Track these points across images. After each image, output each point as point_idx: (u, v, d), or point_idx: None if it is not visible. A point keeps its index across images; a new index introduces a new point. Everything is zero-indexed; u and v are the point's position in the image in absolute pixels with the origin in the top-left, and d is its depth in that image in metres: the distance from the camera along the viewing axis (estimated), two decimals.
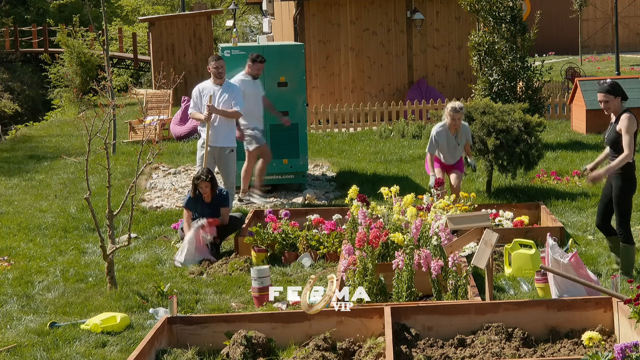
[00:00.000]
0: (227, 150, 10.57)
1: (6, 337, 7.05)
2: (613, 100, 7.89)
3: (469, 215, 7.68)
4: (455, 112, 10.34)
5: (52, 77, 30.61)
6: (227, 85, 10.69)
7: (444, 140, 10.47)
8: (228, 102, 10.53)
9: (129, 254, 9.47)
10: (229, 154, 10.59)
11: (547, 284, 7.37)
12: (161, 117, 17.62)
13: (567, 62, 29.73)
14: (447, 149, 10.50)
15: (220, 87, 10.63)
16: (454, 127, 10.42)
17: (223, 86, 10.64)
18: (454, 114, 10.34)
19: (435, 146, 10.49)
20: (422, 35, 20.40)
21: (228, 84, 10.72)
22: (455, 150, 10.56)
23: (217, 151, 10.54)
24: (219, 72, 10.58)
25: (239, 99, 10.59)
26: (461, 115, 10.42)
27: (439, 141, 10.46)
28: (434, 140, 10.46)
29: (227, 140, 10.60)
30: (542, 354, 6.03)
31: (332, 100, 19.94)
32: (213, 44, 25.76)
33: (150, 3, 43.42)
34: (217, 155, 10.55)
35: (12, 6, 43.46)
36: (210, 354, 6.25)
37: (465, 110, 10.78)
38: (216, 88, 10.63)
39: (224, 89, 10.62)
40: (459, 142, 10.50)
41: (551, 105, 18.79)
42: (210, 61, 10.71)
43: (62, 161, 14.84)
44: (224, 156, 10.56)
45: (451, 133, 10.44)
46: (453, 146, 10.50)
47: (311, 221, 9.28)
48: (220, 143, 10.54)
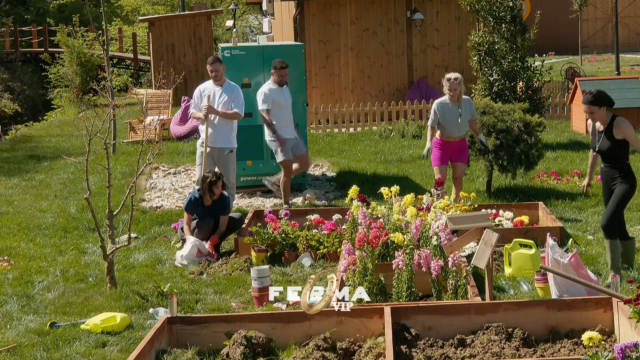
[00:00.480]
0: (225, 150, 10.56)
1: (6, 337, 7.05)
2: (598, 110, 7.85)
3: (469, 215, 7.68)
4: (451, 82, 10.13)
5: (52, 77, 30.61)
6: (227, 86, 10.65)
7: (447, 112, 10.15)
8: (227, 103, 10.50)
9: (129, 254, 9.47)
10: (228, 154, 10.57)
11: (547, 284, 7.37)
12: (161, 117, 17.63)
13: (567, 62, 29.74)
14: (450, 120, 10.17)
15: (221, 88, 10.61)
16: (455, 98, 10.16)
17: (223, 87, 10.61)
18: (450, 84, 10.14)
19: (436, 119, 10.17)
20: (422, 35, 20.41)
21: (229, 85, 10.69)
22: (460, 122, 10.21)
23: (216, 152, 10.53)
24: (215, 75, 10.58)
25: (239, 101, 10.57)
26: (458, 85, 10.14)
27: (441, 113, 10.15)
28: (436, 111, 10.17)
29: (226, 141, 10.57)
30: (542, 354, 6.03)
31: (332, 100, 19.94)
32: (213, 44, 25.76)
33: (150, 3, 43.40)
34: (216, 155, 10.54)
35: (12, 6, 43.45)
36: (210, 354, 6.25)
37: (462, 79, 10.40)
38: (217, 89, 10.61)
39: (224, 90, 10.59)
40: (461, 112, 10.18)
41: (551, 105, 18.79)
42: (207, 63, 10.78)
43: (62, 161, 14.84)
44: (223, 157, 10.54)
45: (454, 102, 10.17)
46: (456, 117, 10.17)
47: (311, 221, 9.28)
48: (219, 144, 10.52)
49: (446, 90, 10.21)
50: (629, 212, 10.46)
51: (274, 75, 11.23)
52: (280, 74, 11.16)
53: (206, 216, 9.46)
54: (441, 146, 10.28)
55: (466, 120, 10.28)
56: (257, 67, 12.23)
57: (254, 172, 12.48)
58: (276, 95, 11.14)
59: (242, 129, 12.19)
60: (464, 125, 10.27)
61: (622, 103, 16.03)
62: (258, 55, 12.28)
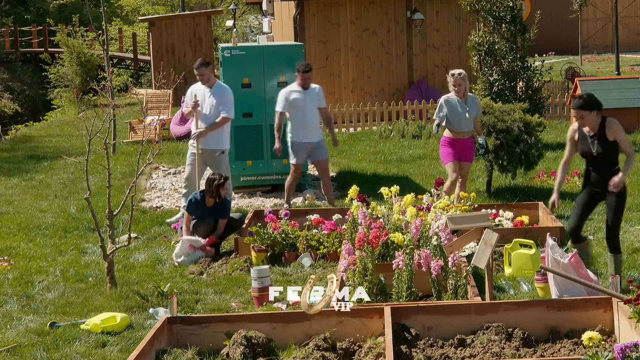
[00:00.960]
0: (217, 152, 10.57)
1: (6, 337, 7.06)
2: (588, 115, 7.70)
3: (469, 215, 7.68)
4: (455, 78, 10.11)
5: (52, 77, 30.61)
6: (217, 88, 10.67)
7: (454, 107, 10.10)
8: (216, 107, 10.52)
9: (129, 254, 9.47)
10: (220, 155, 10.58)
11: (547, 284, 7.37)
12: (161, 117, 17.62)
13: (567, 62, 29.73)
14: (458, 115, 10.12)
15: (210, 90, 10.62)
16: (460, 93, 10.13)
17: (212, 89, 10.62)
18: (454, 79, 10.11)
19: (443, 114, 10.11)
20: (422, 35, 20.40)
21: (218, 87, 10.70)
22: (468, 117, 10.17)
23: (208, 153, 10.55)
24: (201, 78, 10.60)
25: (226, 103, 10.55)
26: (462, 80, 10.10)
27: (448, 107, 10.10)
28: (442, 104, 10.12)
29: (217, 142, 10.57)
30: (542, 354, 6.03)
31: (332, 100, 19.94)
32: (213, 44, 25.75)
33: (150, 3, 43.40)
34: (208, 157, 10.57)
35: (12, 6, 43.46)
36: (210, 354, 6.25)
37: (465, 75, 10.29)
38: (206, 91, 10.63)
39: (213, 92, 10.61)
40: (468, 108, 10.15)
41: (551, 105, 18.79)
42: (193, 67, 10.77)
43: (62, 161, 14.84)
44: (215, 158, 10.56)
45: (460, 97, 10.13)
46: (464, 111, 10.13)
47: (311, 221, 9.28)
48: (211, 145, 10.54)
49: (451, 86, 10.23)
50: (629, 212, 10.47)
51: (297, 78, 11.09)
52: (303, 77, 10.97)
53: (206, 217, 9.46)
54: (450, 143, 10.25)
55: (473, 116, 10.26)
56: (257, 67, 12.23)
57: (254, 172, 12.48)
58: (296, 98, 10.95)
59: (242, 129, 12.22)
60: (471, 120, 10.26)
61: (622, 103, 16.04)
62: (258, 55, 12.27)
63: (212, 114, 10.58)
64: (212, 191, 9.42)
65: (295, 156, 11.06)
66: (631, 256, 8.61)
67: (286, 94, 10.99)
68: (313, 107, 11.03)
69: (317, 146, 11.11)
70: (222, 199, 9.49)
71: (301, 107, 10.95)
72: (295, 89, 11.04)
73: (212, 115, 10.58)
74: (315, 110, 11.06)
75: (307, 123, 10.98)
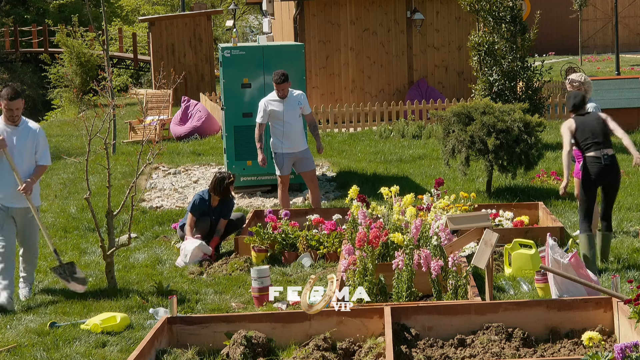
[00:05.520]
0: (30, 212, 8.15)
1: (6, 337, 7.06)
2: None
3: (469, 215, 7.68)
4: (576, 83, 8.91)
5: (52, 77, 30.62)
6: (25, 128, 8.24)
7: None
8: (30, 150, 8.23)
9: (129, 254, 9.47)
10: (32, 218, 8.19)
11: (547, 284, 7.37)
12: (161, 117, 17.64)
13: (567, 62, 29.73)
14: None
15: (16, 129, 8.13)
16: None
17: (19, 129, 8.15)
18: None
19: None
20: (422, 35, 20.40)
21: (26, 126, 8.26)
22: None
23: (19, 213, 8.15)
24: (12, 115, 8.05)
25: (43, 149, 8.43)
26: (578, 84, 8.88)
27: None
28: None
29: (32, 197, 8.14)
30: (542, 354, 6.04)
31: (332, 100, 19.94)
32: (213, 44, 25.76)
33: (150, 3, 43.40)
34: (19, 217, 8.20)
35: (12, 6, 43.48)
36: (210, 354, 6.25)
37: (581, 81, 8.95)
38: (9, 130, 8.09)
39: (22, 133, 8.17)
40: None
41: (551, 105, 18.79)
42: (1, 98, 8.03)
43: (62, 161, 14.84)
44: (27, 220, 8.24)
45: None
46: None
47: (311, 221, 9.29)
48: (22, 203, 8.06)
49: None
50: (629, 212, 10.47)
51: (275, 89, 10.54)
52: (277, 88, 10.32)
53: (208, 215, 9.45)
54: None
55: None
56: (257, 67, 12.22)
57: (253, 172, 12.47)
58: (273, 109, 10.40)
59: (242, 129, 12.22)
60: None
61: (622, 103, 16.05)
62: (258, 55, 12.27)
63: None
64: (222, 190, 9.39)
65: (279, 168, 10.50)
66: (631, 256, 8.60)
67: (264, 104, 10.45)
68: (294, 115, 10.44)
69: (302, 156, 10.58)
70: (229, 198, 9.50)
71: (280, 117, 10.41)
72: (273, 98, 10.48)
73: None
74: (297, 119, 10.47)
75: (287, 133, 10.42)
